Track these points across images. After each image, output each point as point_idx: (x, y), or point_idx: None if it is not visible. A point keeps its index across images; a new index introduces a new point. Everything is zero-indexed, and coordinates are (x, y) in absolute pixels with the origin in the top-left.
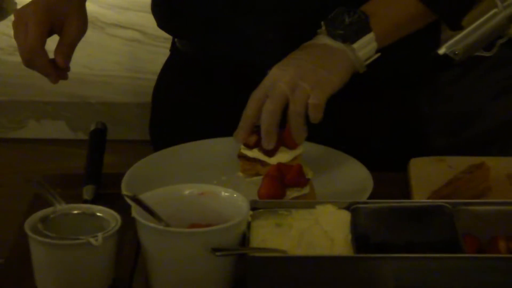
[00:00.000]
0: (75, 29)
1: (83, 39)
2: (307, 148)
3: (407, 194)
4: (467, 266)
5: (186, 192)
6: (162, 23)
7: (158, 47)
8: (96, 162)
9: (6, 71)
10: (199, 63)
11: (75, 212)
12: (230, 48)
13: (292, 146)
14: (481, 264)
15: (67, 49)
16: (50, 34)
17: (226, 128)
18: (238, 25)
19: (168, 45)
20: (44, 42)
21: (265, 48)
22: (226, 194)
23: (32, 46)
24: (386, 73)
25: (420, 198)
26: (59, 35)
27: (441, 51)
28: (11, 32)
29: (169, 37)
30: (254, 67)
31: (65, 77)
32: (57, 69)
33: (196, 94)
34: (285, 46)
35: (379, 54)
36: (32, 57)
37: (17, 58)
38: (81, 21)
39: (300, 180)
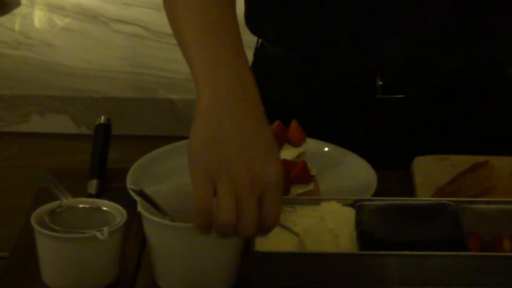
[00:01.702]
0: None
1: (86, 34)
2: (311, 145)
3: (411, 192)
4: (471, 265)
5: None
6: (262, 31)
7: (161, 43)
8: (101, 157)
9: (10, 65)
10: (299, 67)
11: (81, 206)
12: (340, 54)
13: (296, 143)
14: (484, 263)
15: None
16: None
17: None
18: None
19: (171, 40)
20: None
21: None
22: None
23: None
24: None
25: (424, 196)
26: None
27: None
28: (15, 26)
29: (171, 32)
30: (361, 76)
31: None
32: None
33: (289, 97)
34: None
35: None
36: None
37: (21, 52)
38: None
39: (305, 177)
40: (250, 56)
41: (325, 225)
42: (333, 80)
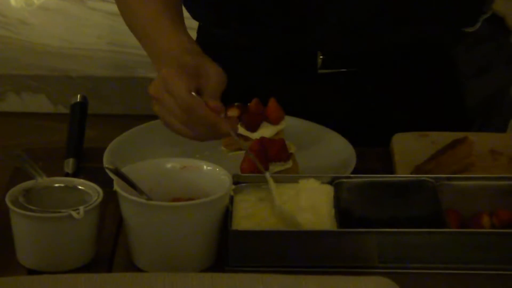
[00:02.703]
0: (214, 78)
1: (63, 12)
2: (290, 123)
3: (391, 169)
4: (451, 241)
5: (168, 165)
6: (201, 16)
7: None
8: (77, 136)
9: None
10: (240, 44)
11: (57, 185)
12: (284, 35)
13: (274, 121)
14: (464, 239)
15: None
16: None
17: None
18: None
19: None
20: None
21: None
22: (208, 168)
23: (184, 101)
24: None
25: (403, 173)
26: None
27: None
28: None
29: None
30: (302, 52)
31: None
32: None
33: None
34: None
35: None
36: (191, 113)
37: None
38: (216, 68)
39: (283, 155)
40: (193, 35)
41: (303, 203)
42: (274, 57)
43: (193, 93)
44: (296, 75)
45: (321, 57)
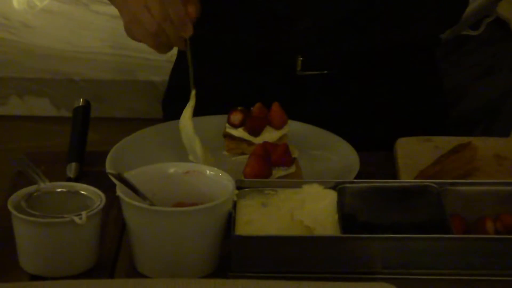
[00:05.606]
0: None
1: (66, 15)
2: (293, 127)
3: (394, 174)
4: (454, 247)
5: (171, 170)
6: None
7: None
8: (79, 140)
9: None
10: (219, 46)
11: (59, 190)
12: (260, 34)
13: (278, 126)
14: (468, 245)
15: None
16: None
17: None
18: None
19: None
20: None
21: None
22: (211, 173)
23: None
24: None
25: (407, 178)
26: None
27: None
28: None
29: None
30: (281, 54)
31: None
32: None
33: (214, 76)
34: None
35: None
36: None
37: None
38: None
39: (286, 159)
40: None
41: (306, 208)
42: (253, 59)
43: None
44: (276, 77)
45: (300, 59)
